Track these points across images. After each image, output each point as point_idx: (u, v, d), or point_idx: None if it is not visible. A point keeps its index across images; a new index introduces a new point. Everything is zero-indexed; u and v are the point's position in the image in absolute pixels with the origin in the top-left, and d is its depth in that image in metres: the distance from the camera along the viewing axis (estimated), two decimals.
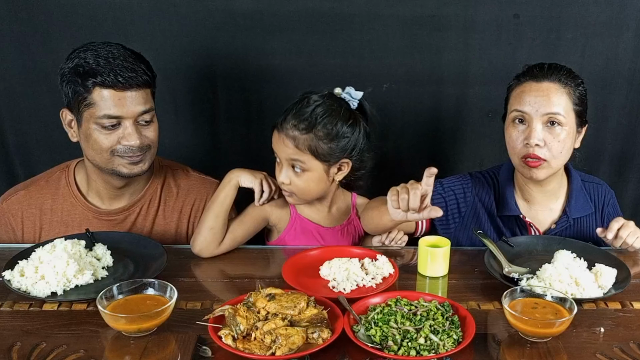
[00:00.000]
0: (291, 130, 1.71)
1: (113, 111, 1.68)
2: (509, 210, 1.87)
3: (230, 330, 1.31)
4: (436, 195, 1.90)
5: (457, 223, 1.91)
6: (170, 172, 1.96)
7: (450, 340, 1.31)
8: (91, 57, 1.67)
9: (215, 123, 2.40)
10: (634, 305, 1.52)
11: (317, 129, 1.70)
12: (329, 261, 1.66)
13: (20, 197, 1.89)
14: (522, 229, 1.88)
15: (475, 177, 1.95)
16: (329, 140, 1.72)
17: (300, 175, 1.75)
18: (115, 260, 1.67)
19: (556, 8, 2.24)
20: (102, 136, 1.71)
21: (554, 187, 1.88)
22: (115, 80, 1.66)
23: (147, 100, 1.73)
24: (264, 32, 2.25)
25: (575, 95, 1.76)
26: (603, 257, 1.68)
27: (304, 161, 1.73)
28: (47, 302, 1.49)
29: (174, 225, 1.92)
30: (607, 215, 1.95)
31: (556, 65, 1.79)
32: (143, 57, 1.76)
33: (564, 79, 1.75)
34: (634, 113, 2.38)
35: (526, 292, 1.44)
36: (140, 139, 1.72)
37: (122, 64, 1.67)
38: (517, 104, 1.77)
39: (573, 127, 1.77)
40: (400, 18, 2.25)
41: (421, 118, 2.40)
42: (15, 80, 2.29)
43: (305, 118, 1.70)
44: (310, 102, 1.73)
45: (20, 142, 2.37)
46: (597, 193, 1.95)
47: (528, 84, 1.77)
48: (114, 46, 1.71)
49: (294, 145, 1.71)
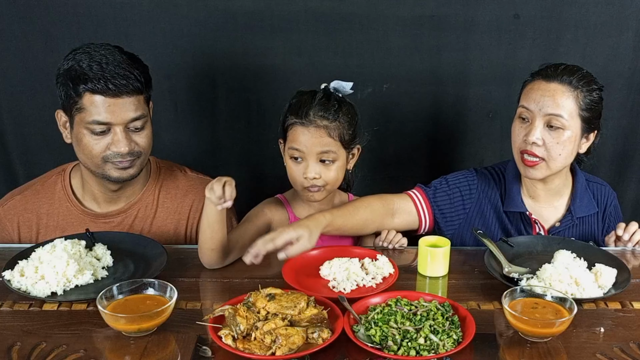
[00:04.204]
0: (320, 120, 1.74)
1: (102, 117, 1.67)
2: (515, 206, 1.87)
3: (230, 330, 1.31)
4: (440, 193, 1.90)
5: (462, 219, 1.91)
6: (168, 174, 1.95)
7: (450, 340, 1.31)
8: (85, 60, 1.66)
9: (215, 123, 2.40)
10: (634, 305, 1.52)
11: (339, 116, 1.76)
12: (329, 261, 1.66)
13: (17, 202, 1.88)
14: (527, 226, 1.89)
15: (480, 173, 1.94)
16: (349, 127, 1.78)
17: (330, 167, 1.77)
18: (115, 260, 1.67)
19: (556, 8, 2.24)
20: (92, 141, 1.70)
21: (558, 186, 1.88)
22: (105, 87, 1.64)
23: (138, 107, 1.71)
24: (264, 32, 2.25)
25: (584, 100, 1.74)
26: (603, 257, 1.67)
27: (334, 150, 1.76)
28: (47, 302, 1.49)
29: (172, 226, 1.92)
30: (608, 216, 1.95)
31: (573, 67, 1.78)
32: (140, 61, 1.75)
33: (576, 82, 1.74)
34: (634, 113, 2.38)
35: (526, 292, 1.44)
36: (129, 145, 1.71)
37: (114, 70, 1.65)
38: (524, 100, 1.78)
39: (577, 132, 1.76)
40: (400, 18, 2.25)
41: (421, 118, 2.40)
42: (15, 80, 2.29)
43: (329, 108, 1.75)
44: (322, 94, 1.78)
45: (20, 142, 2.37)
46: (600, 194, 1.95)
47: (538, 82, 1.77)
48: (110, 50, 1.69)
49: (327, 134, 1.74)
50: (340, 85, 1.81)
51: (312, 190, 1.79)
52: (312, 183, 1.77)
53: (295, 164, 1.79)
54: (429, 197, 1.90)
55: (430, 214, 1.89)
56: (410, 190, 1.92)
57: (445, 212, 1.90)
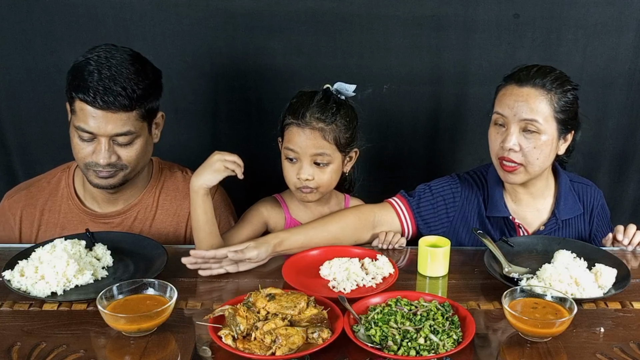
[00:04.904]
0: (316, 122, 1.73)
1: (87, 127, 1.67)
2: (498, 211, 1.85)
3: (230, 330, 1.31)
4: (424, 202, 1.89)
5: (446, 227, 1.89)
6: (169, 175, 1.95)
7: (450, 340, 1.31)
8: (92, 64, 1.66)
9: (215, 123, 2.40)
10: (634, 305, 1.52)
11: (337, 119, 1.75)
12: (329, 261, 1.66)
13: (22, 196, 1.89)
14: (510, 231, 1.87)
15: (463, 179, 1.92)
16: (346, 130, 1.77)
17: (323, 169, 1.77)
18: (115, 260, 1.67)
19: (556, 8, 2.24)
20: (79, 144, 1.71)
21: (540, 188, 1.86)
22: (93, 100, 1.64)
23: (126, 123, 1.68)
24: (264, 32, 2.25)
25: (558, 102, 1.72)
26: (603, 257, 1.67)
27: (329, 153, 1.75)
28: (47, 302, 1.49)
29: (171, 228, 1.92)
30: (596, 217, 1.93)
31: (545, 69, 1.75)
32: (147, 74, 1.71)
33: (549, 85, 1.71)
34: (634, 113, 2.38)
35: (526, 292, 1.44)
36: (109, 158, 1.70)
37: (107, 84, 1.63)
38: (498, 106, 1.76)
39: (553, 134, 1.73)
40: (400, 18, 2.25)
41: (421, 118, 2.40)
42: (15, 80, 2.29)
43: (327, 109, 1.74)
44: (321, 95, 1.77)
45: (20, 142, 2.37)
46: (586, 194, 1.92)
47: (511, 87, 1.75)
48: (118, 58, 1.68)
49: (321, 137, 1.73)
50: (343, 87, 1.80)
51: (305, 191, 1.79)
52: (305, 184, 1.77)
53: (290, 164, 1.79)
54: (412, 206, 1.89)
55: (413, 222, 1.89)
56: (392, 198, 1.91)
57: (428, 221, 1.89)
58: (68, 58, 2.25)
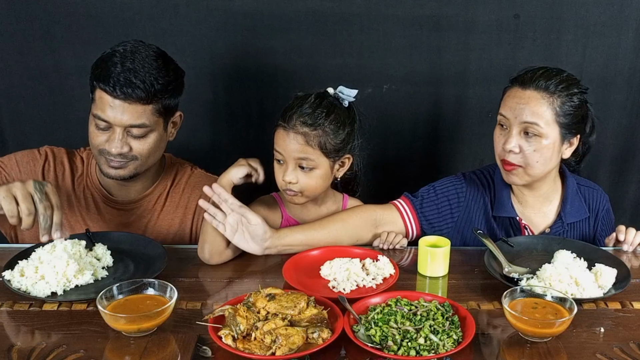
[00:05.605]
0: (300, 127, 1.71)
1: (104, 115, 1.71)
2: (505, 211, 1.85)
3: (230, 330, 1.31)
4: (428, 202, 1.89)
5: (450, 227, 1.89)
6: (180, 169, 1.99)
7: (450, 341, 1.31)
8: (115, 56, 1.70)
9: (215, 123, 2.40)
10: (634, 305, 1.52)
11: (325, 124, 1.72)
12: (329, 261, 1.66)
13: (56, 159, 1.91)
14: (516, 231, 1.87)
15: (469, 179, 1.92)
16: (335, 136, 1.74)
17: (308, 174, 1.75)
18: (115, 260, 1.67)
19: (556, 8, 2.24)
20: (94, 132, 1.75)
21: (547, 191, 1.86)
22: (113, 89, 1.68)
23: (141, 116, 1.72)
24: (264, 32, 2.25)
25: (562, 106, 1.70)
26: (603, 257, 1.67)
27: (313, 158, 1.73)
28: (47, 302, 1.49)
29: (178, 220, 1.95)
30: (601, 221, 1.93)
31: (551, 72, 1.74)
32: (168, 72, 1.74)
33: (553, 88, 1.70)
34: (634, 113, 2.38)
35: (526, 292, 1.44)
36: (121, 148, 1.73)
37: (127, 76, 1.67)
38: (502, 108, 1.77)
39: (556, 138, 1.72)
40: (400, 18, 2.25)
41: (421, 118, 2.40)
42: (15, 80, 2.29)
43: (314, 114, 1.72)
44: (314, 99, 1.74)
45: (20, 142, 2.37)
46: (592, 198, 1.92)
47: (515, 89, 1.74)
48: (143, 53, 1.71)
49: (304, 142, 1.71)
50: (344, 92, 1.78)
51: (289, 194, 1.78)
52: (289, 187, 1.76)
53: (278, 164, 1.79)
54: (416, 207, 1.89)
55: (417, 223, 1.88)
56: (397, 200, 1.91)
57: (432, 222, 1.89)
58: (68, 58, 2.27)
